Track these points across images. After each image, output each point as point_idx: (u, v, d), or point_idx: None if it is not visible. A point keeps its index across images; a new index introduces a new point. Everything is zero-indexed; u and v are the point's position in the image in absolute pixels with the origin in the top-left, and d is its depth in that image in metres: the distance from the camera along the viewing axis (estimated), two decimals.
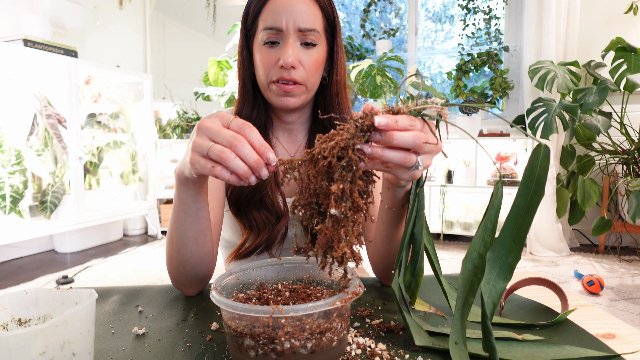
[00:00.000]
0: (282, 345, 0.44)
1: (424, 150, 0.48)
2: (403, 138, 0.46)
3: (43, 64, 2.76)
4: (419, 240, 0.57)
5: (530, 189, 0.46)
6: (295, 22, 0.72)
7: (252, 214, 0.78)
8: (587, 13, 3.04)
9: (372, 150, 0.46)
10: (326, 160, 0.46)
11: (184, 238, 0.65)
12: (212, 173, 0.49)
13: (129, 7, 3.82)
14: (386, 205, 0.62)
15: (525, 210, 0.46)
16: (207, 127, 0.50)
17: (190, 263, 0.67)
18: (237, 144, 0.47)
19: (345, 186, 0.44)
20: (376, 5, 3.75)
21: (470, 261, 0.47)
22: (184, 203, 0.62)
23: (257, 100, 0.82)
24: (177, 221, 0.64)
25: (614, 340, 0.53)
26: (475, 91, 3.39)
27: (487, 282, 0.48)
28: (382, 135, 0.46)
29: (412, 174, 0.51)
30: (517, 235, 0.47)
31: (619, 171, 2.95)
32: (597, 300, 2.06)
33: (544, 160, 0.45)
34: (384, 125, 0.45)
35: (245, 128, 0.48)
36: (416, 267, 0.58)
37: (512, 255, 0.47)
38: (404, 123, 0.46)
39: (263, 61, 0.75)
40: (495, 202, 0.48)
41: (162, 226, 3.74)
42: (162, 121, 3.95)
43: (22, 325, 0.47)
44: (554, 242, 2.94)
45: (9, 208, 2.48)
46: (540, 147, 0.45)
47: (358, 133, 0.45)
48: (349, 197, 0.45)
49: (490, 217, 0.47)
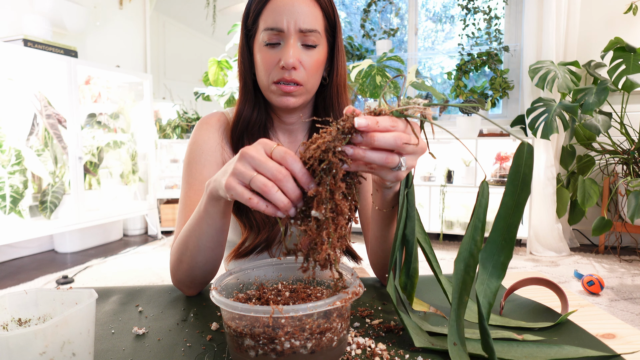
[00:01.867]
0: (282, 345, 0.44)
1: (406, 150, 0.48)
2: (384, 139, 0.46)
3: (43, 64, 2.76)
4: (411, 242, 0.57)
5: (517, 187, 0.47)
6: (296, 22, 0.72)
7: (252, 213, 0.78)
8: (587, 13, 3.04)
9: (354, 152, 0.46)
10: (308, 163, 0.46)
11: (201, 247, 0.64)
12: (248, 203, 0.49)
13: (129, 7, 3.82)
14: (377, 207, 0.63)
15: (513, 209, 0.47)
16: (251, 155, 0.49)
17: (202, 268, 0.67)
18: (281, 178, 0.47)
19: (326, 188, 0.45)
20: (376, 5, 3.76)
21: (462, 261, 0.48)
22: (210, 217, 0.61)
23: (257, 100, 0.82)
24: (197, 231, 0.63)
25: (614, 340, 0.53)
26: (475, 91, 3.39)
27: (482, 282, 0.48)
28: (363, 137, 0.46)
29: (395, 174, 0.51)
30: (507, 233, 0.47)
31: (619, 171, 2.95)
32: (597, 300, 2.06)
33: (528, 158, 0.46)
34: (364, 126, 0.45)
35: (288, 158, 0.48)
36: (410, 268, 0.58)
37: (503, 253, 0.48)
38: (385, 124, 0.46)
39: (264, 62, 0.75)
40: (482, 201, 0.48)
41: (162, 226, 3.74)
42: (162, 121, 3.95)
43: (22, 325, 0.47)
44: (554, 242, 2.94)
45: (9, 208, 2.48)
46: (524, 145, 0.46)
47: (339, 135, 0.46)
48: (330, 200, 0.45)
49: (479, 215, 0.48)
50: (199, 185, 0.79)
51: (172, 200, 3.85)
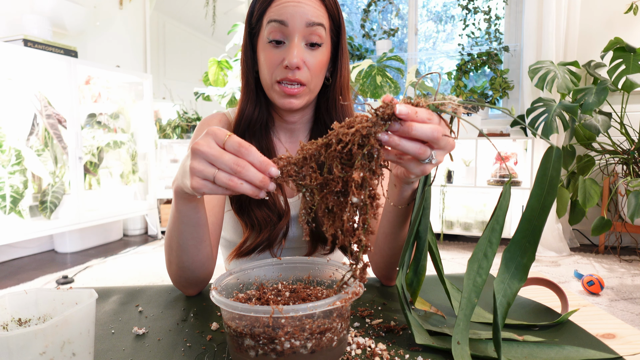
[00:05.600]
0: (282, 345, 0.44)
1: (439, 144, 0.48)
2: (422, 129, 0.46)
3: (43, 64, 2.76)
4: (423, 239, 0.57)
5: (544, 190, 0.47)
6: (301, 17, 0.72)
7: (253, 212, 0.78)
8: (587, 13, 3.04)
9: (390, 139, 0.46)
10: (347, 146, 0.45)
11: (183, 246, 0.64)
12: (223, 193, 0.50)
13: (129, 7, 3.82)
14: (392, 203, 0.62)
15: (539, 212, 0.47)
16: (203, 151, 0.48)
17: (190, 268, 0.67)
18: (240, 170, 0.47)
19: (366, 174, 0.44)
20: (376, 5, 3.76)
21: (476, 261, 0.48)
22: (184, 215, 0.61)
23: (259, 99, 0.82)
24: (176, 231, 0.63)
25: (614, 340, 0.53)
26: (475, 91, 3.39)
27: (502, 281, 0.48)
28: (401, 125, 0.46)
29: (423, 168, 0.51)
30: (531, 236, 0.47)
31: (619, 171, 2.95)
32: (597, 300, 2.06)
33: (556, 162, 0.46)
34: (404, 114, 0.45)
35: (242, 150, 0.48)
36: (419, 265, 0.58)
37: (527, 255, 0.48)
38: (423, 115, 0.47)
39: (267, 61, 0.75)
40: (503, 204, 0.48)
41: (162, 226, 3.74)
42: (162, 121, 3.95)
43: (22, 325, 0.47)
44: (554, 242, 2.94)
45: (9, 208, 2.48)
46: (552, 149, 0.46)
47: (379, 121, 0.45)
48: (368, 185, 0.45)
49: (498, 218, 0.48)
50: None
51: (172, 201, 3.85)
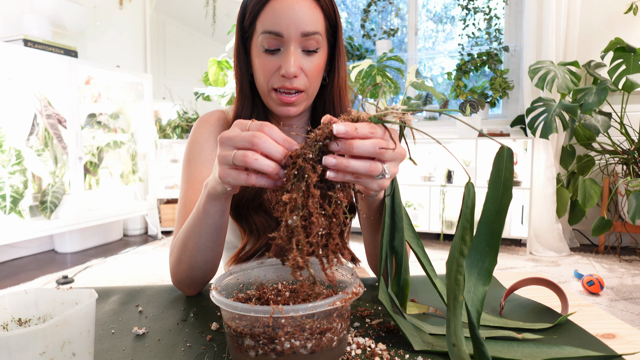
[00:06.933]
0: (282, 345, 0.44)
1: (385, 157, 0.47)
2: (363, 146, 0.45)
3: (43, 64, 2.76)
4: (400, 253, 0.56)
5: (499, 192, 0.46)
6: (297, 26, 0.68)
7: (252, 218, 0.77)
8: (587, 13, 3.04)
9: (338, 162, 0.44)
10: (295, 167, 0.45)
11: (201, 247, 0.64)
12: (247, 182, 0.48)
13: (129, 7, 3.82)
14: (364, 215, 0.63)
15: (496, 214, 0.46)
16: (227, 137, 0.49)
17: (202, 268, 0.67)
18: (257, 141, 0.46)
19: (298, 195, 0.44)
20: (376, 5, 3.76)
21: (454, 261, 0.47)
22: (211, 217, 0.60)
23: (255, 103, 0.80)
24: (197, 231, 0.63)
25: (614, 340, 0.53)
26: (475, 91, 3.39)
27: (468, 290, 0.47)
28: (340, 144, 0.45)
29: (379, 183, 0.49)
30: (490, 239, 0.47)
31: (619, 171, 2.95)
32: (597, 300, 2.06)
33: (508, 162, 0.45)
34: (342, 133, 0.43)
35: (264, 127, 0.47)
36: (401, 279, 0.58)
37: (488, 259, 0.47)
38: (363, 131, 0.45)
39: (263, 68, 0.72)
40: (468, 202, 0.47)
41: (162, 226, 3.74)
42: (162, 121, 3.95)
43: (22, 325, 0.47)
44: (554, 242, 2.94)
45: (9, 208, 2.48)
46: (504, 149, 0.45)
47: (311, 142, 0.45)
48: (301, 208, 0.44)
49: (466, 216, 0.47)
50: (199, 184, 0.78)
51: (172, 200, 3.85)
